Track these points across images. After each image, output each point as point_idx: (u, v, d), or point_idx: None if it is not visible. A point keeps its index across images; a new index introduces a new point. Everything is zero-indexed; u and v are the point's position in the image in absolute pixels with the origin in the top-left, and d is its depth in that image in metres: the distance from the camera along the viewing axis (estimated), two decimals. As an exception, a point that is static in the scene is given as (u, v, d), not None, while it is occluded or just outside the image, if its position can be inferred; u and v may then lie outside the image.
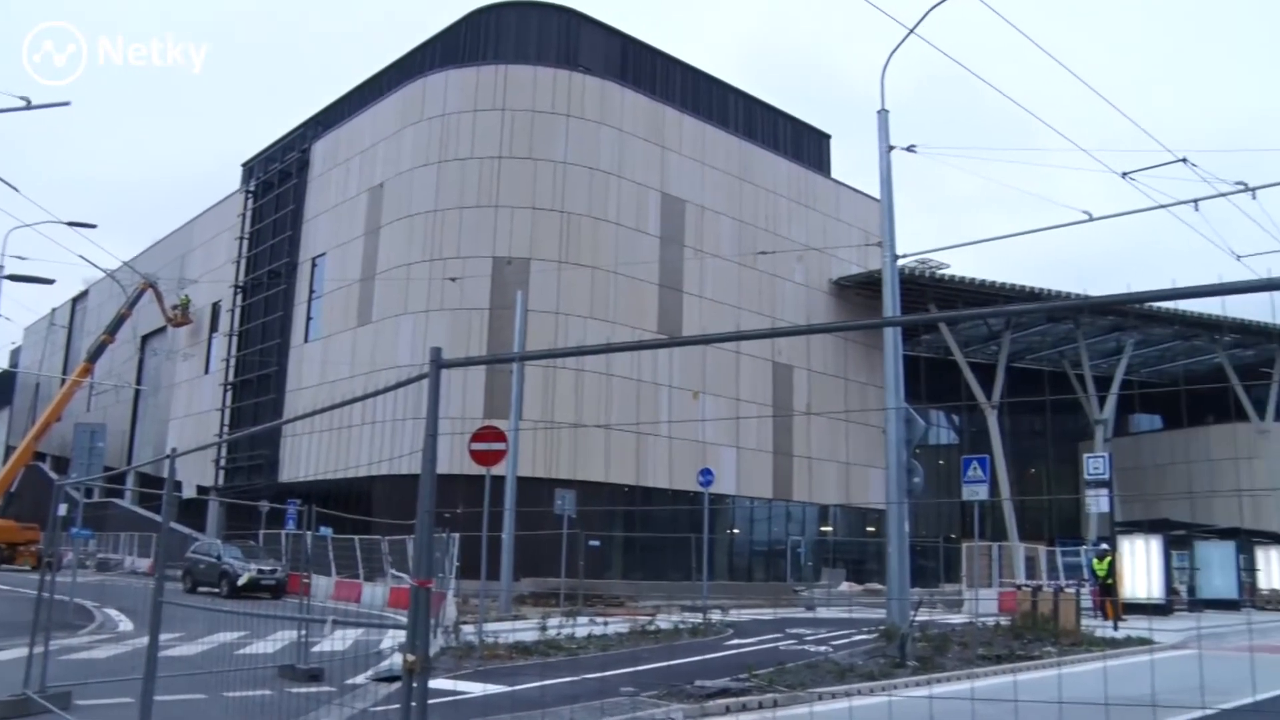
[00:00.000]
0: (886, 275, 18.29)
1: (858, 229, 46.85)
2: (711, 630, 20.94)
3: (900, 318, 19.62)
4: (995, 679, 13.67)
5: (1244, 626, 24.64)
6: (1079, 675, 14.20)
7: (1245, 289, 4.75)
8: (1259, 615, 32.21)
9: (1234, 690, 10.96)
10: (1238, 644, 20.62)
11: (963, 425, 60.32)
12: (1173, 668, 15.43)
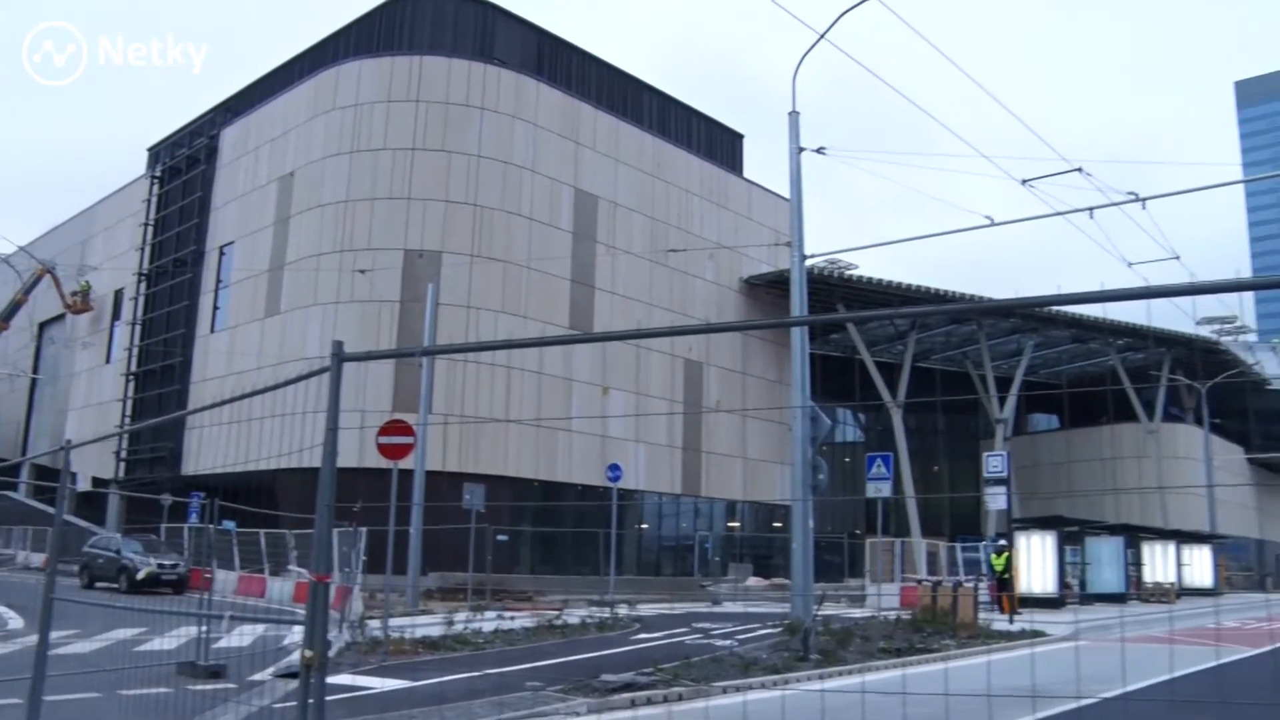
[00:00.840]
0: (794, 275, 18.60)
1: (768, 228, 47.37)
2: (618, 625, 21.09)
3: (807, 317, 19.96)
4: (894, 672, 14.04)
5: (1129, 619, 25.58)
6: (974, 667, 14.62)
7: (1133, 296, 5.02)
8: (1143, 607, 33.43)
9: (1115, 679, 11.41)
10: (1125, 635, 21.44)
11: (868, 423, 61.41)
12: (1063, 659, 15.97)
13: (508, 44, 41.34)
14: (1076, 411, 63.53)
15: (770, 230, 47.02)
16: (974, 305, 31.07)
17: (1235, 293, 34.09)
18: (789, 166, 19.07)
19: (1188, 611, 30.65)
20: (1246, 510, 67.29)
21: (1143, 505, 54.80)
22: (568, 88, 42.12)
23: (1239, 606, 35.55)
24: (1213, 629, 23.12)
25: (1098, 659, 15.52)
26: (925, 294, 45.48)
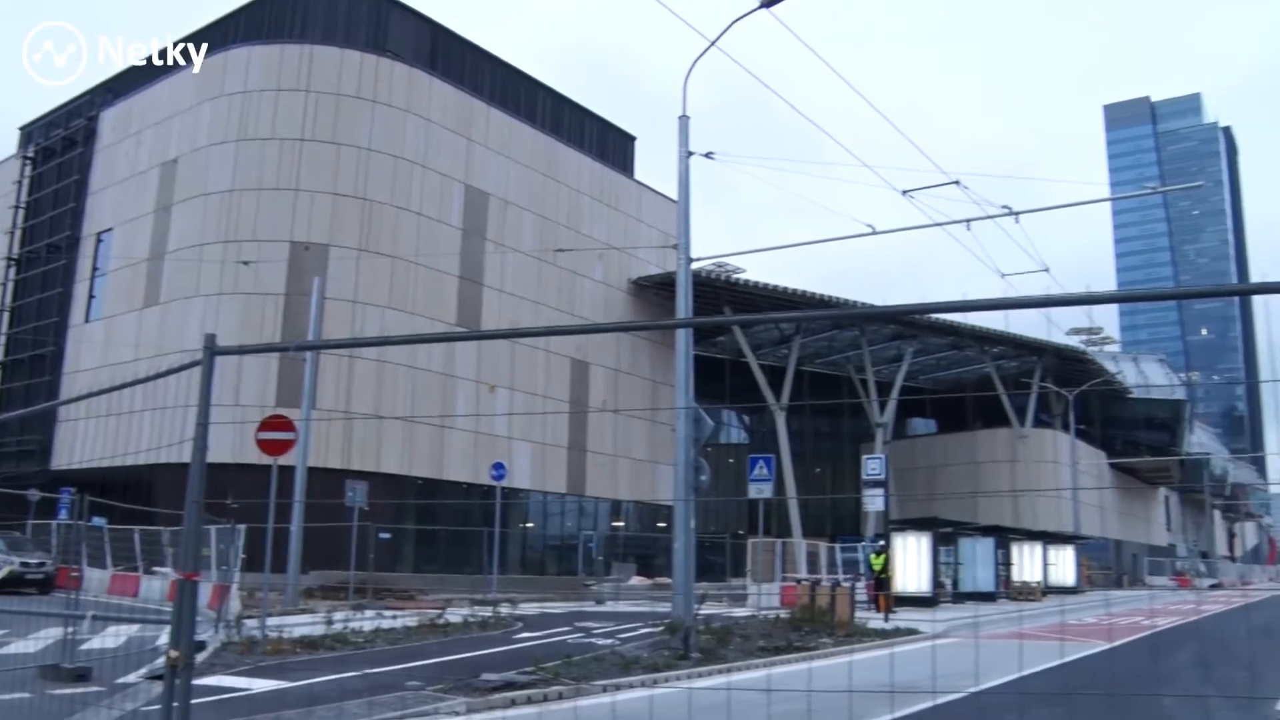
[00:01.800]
0: (680, 277, 18.83)
1: (658, 230, 47.77)
2: (500, 624, 21.09)
3: (692, 319, 20.27)
4: (771, 670, 14.39)
5: (999, 616, 26.54)
6: (846, 665, 15.04)
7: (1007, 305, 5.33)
8: (1012, 605, 34.66)
9: (982, 674, 11.93)
10: (991, 632, 22.27)
11: (753, 425, 62.36)
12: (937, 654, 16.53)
13: (401, 37, 40.90)
14: (952, 416, 65.61)
15: (659, 232, 47.44)
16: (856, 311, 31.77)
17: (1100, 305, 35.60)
18: (677, 170, 19.31)
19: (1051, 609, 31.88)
20: (1107, 512, 70.31)
21: (1013, 507, 56.76)
22: (461, 83, 41.86)
23: (1096, 604, 37.10)
24: (1075, 624, 24.16)
25: (966, 655, 16.11)
26: (810, 299, 46.40)
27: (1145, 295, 43.31)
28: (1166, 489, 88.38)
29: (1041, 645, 17.37)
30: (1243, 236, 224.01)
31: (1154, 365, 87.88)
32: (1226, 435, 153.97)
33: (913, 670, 12.32)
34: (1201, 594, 52.98)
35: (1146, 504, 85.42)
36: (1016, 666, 12.55)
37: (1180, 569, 78.47)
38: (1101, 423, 68.87)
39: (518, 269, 42.37)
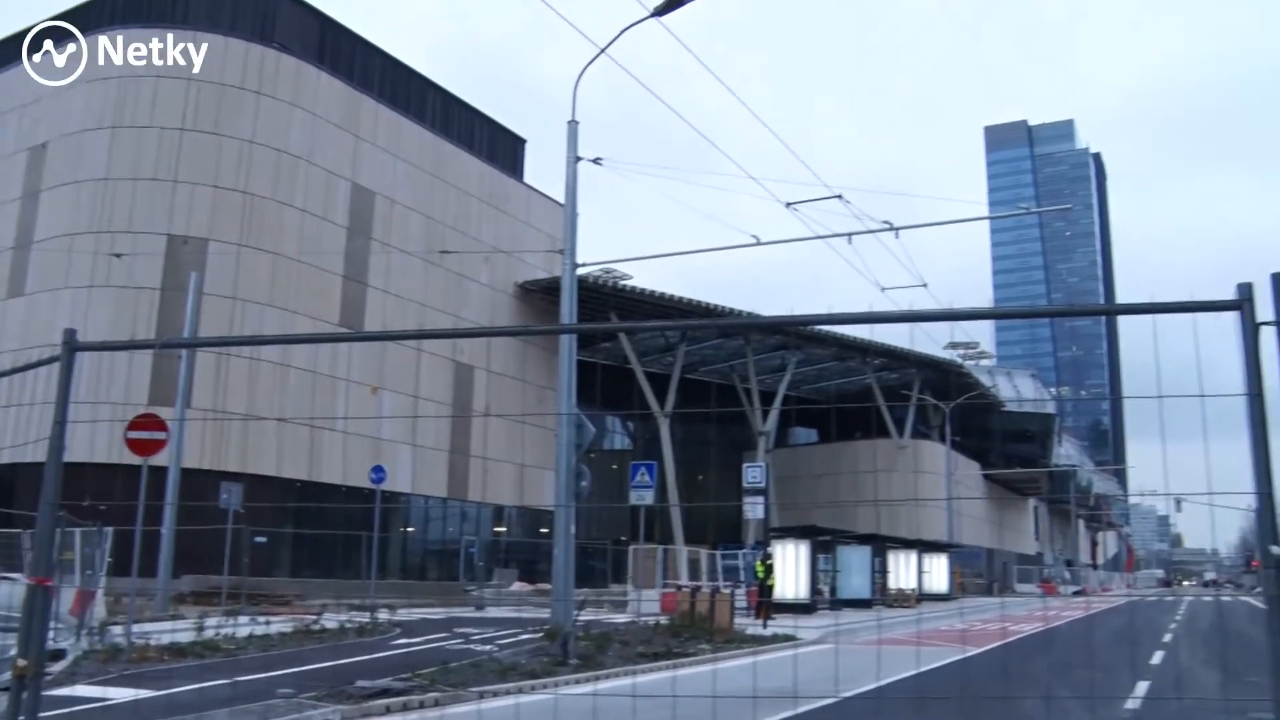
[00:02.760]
0: (565, 283, 18.79)
1: (546, 234, 47.62)
2: (378, 630, 20.79)
3: (575, 325, 20.24)
4: (649, 676, 14.46)
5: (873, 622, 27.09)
6: (724, 670, 15.19)
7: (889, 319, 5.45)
8: (887, 612, 35.48)
9: (858, 679, 12.18)
10: (865, 638, 22.73)
11: (637, 432, 62.55)
12: (810, 661, 16.82)
13: (289, 28, 40.00)
14: (834, 426, 66.81)
15: (548, 236, 47.32)
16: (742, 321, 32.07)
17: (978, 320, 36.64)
18: (565, 175, 19.28)
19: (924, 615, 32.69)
20: (980, 521, 72.43)
21: (890, 516, 58.07)
22: (349, 79, 41.15)
23: (968, 610, 38.16)
24: (945, 630, 24.81)
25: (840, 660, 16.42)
26: (695, 307, 46.74)
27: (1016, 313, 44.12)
28: (1036, 499, 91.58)
29: (910, 651, 17.77)
30: (1110, 258, 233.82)
31: (1026, 380, 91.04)
32: (1092, 448, 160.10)
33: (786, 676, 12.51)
34: (1066, 600, 54.94)
35: (1017, 513, 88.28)
36: (887, 672, 12.86)
37: (1047, 576, 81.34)
38: (976, 434, 70.96)
39: (403, 270, 41.81)
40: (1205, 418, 4.61)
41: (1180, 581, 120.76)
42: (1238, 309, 4.21)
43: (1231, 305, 4.23)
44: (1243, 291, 4.23)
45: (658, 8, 17.74)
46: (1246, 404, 4.14)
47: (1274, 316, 4.18)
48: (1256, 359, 4.15)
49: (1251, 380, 4.14)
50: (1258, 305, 4.21)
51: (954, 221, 26.87)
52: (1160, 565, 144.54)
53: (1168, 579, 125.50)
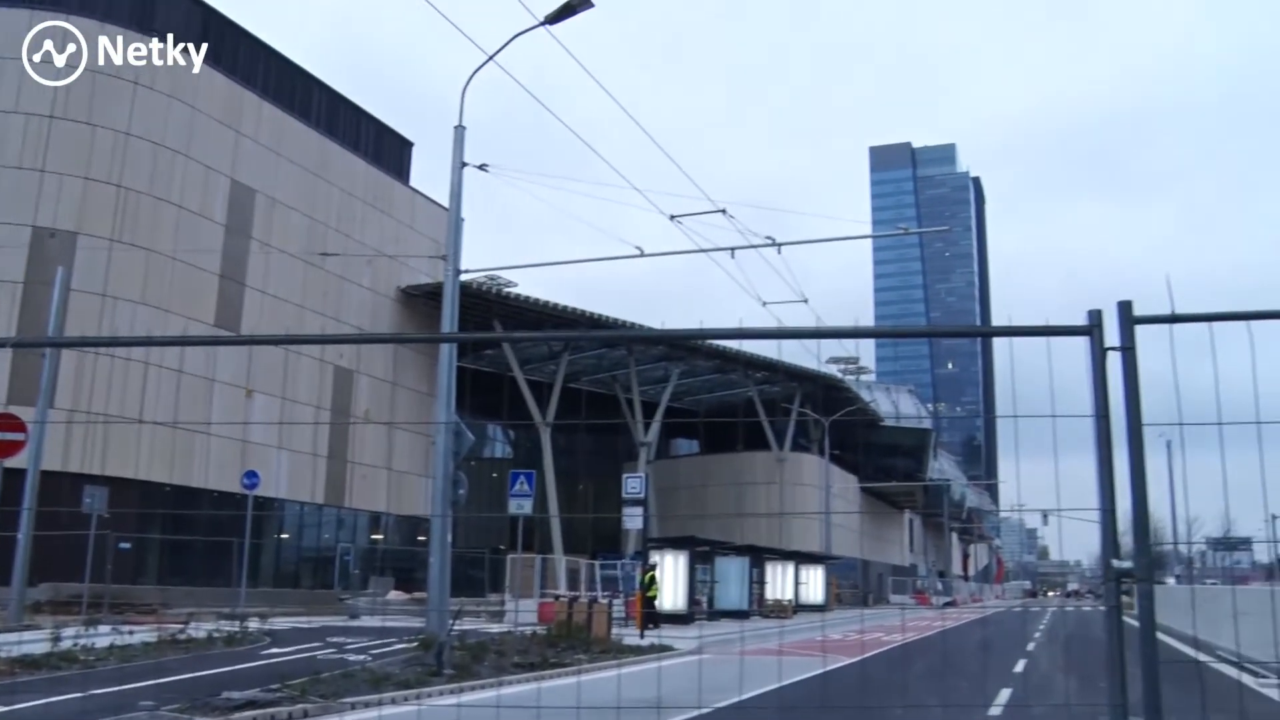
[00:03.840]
0: (448, 290, 18.63)
1: (431, 239, 47.02)
2: (248, 639, 20.27)
3: (456, 334, 20.08)
4: (524, 686, 14.39)
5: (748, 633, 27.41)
6: (599, 681, 15.21)
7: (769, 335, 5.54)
8: (764, 622, 35.93)
9: (730, 689, 12.31)
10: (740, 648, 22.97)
11: (518, 440, 62.32)
12: (685, 671, 16.92)
13: (170, 16, 38.65)
14: (715, 438, 67.52)
15: (432, 241, 46.76)
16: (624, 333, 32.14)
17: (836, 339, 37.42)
18: (451, 180, 19.15)
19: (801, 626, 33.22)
20: (856, 534, 73.84)
21: (769, 528, 58.82)
22: (232, 73, 40.12)
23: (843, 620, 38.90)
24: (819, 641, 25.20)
25: (717, 671, 16.58)
26: (580, 317, 46.75)
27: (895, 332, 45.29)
28: (911, 512, 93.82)
29: (793, 660, 18.03)
30: (986, 279, 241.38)
31: (904, 396, 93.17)
32: (965, 463, 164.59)
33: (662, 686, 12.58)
34: (938, 610, 56.37)
35: (892, 526, 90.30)
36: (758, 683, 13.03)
37: (920, 587, 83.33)
38: (854, 448, 72.34)
39: (283, 271, 40.92)
40: (1056, 437, 4.81)
41: (1046, 592, 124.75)
42: (1088, 334, 4.40)
43: (1082, 330, 4.42)
44: (1093, 318, 4.42)
45: (549, 16, 17.80)
46: (1094, 424, 4.33)
47: (1120, 342, 4.38)
48: (1104, 382, 4.34)
49: (1099, 402, 4.33)
50: (1106, 331, 4.41)
51: (835, 239, 27.47)
52: (1027, 576, 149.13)
53: (1034, 589, 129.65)
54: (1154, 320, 4.50)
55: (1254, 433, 4.84)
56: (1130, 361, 4.38)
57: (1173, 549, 56.06)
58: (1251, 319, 4.64)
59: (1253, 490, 5.22)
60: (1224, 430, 4.79)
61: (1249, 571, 68.27)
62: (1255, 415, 4.74)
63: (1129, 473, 4.32)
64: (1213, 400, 4.83)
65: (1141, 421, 4.31)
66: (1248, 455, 5.08)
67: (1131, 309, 4.46)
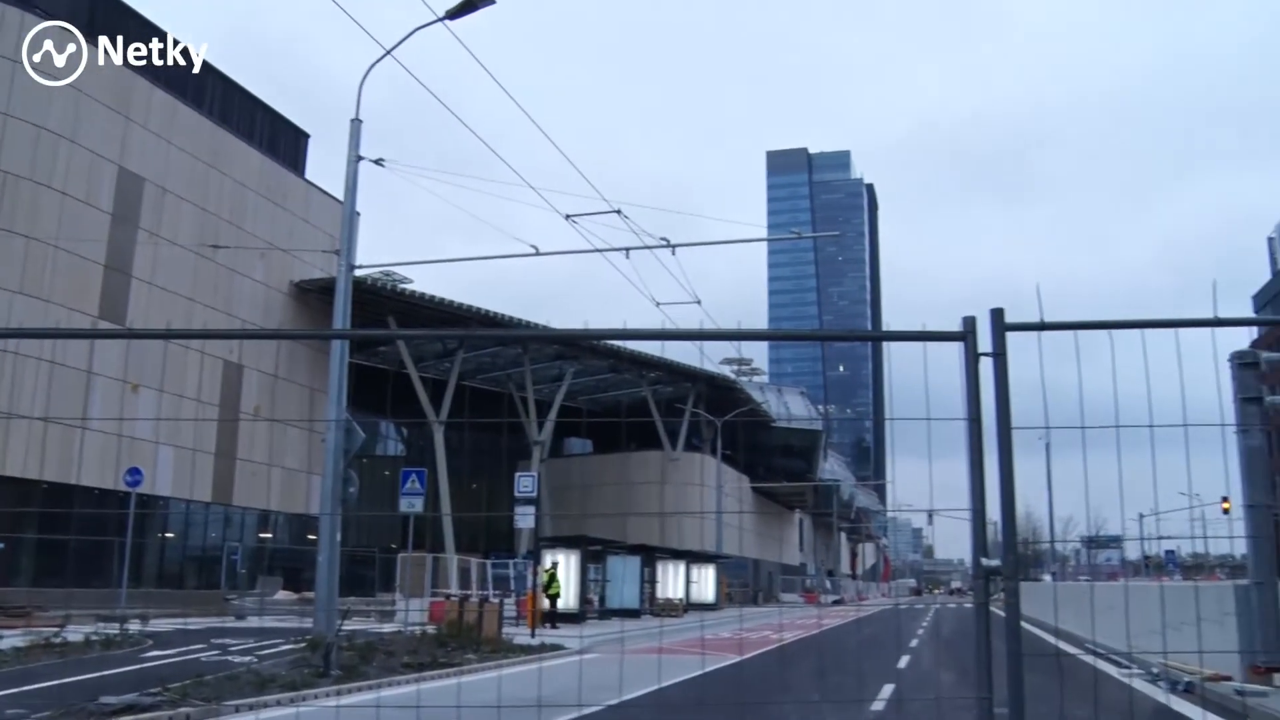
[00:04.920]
0: (340, 285, 18.41)
1: (325, 233, 46.20)
2: (128, 642, 19.73)
3: (348, 331, 19.85)
4: (411, 687, 14.31)
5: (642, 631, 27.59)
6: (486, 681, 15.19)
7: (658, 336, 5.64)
8: (654, 621, 36.17)
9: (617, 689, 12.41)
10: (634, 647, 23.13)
11: (411, 438, 61.68)
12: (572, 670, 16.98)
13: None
14: (608, 437, 67.75)
15: (327, 235, 45.97)
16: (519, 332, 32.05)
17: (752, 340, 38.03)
18: (346, 173, 18.93)
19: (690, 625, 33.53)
20: (747, 533, 74.79)
21: (661, 527, 59.27)
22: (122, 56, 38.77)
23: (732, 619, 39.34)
24: (710, 639, 25.51)
25: (605, 669, 16.67)
26: (475, 314, 46.48)
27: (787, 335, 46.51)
28: (801, 512, 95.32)
29: (677, 659, 18.23)
30: (878, 283, 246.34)
31: (796, 397, 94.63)
32: (854, 464, 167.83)
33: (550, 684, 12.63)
34: (824, 609, 57.39)
35: (783, 525, 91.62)
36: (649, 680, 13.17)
37: (809, 586, 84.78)
38: (747, 449, 73.22)
39: (172, 262, 39.81)
40: (930, 439, 5.00)
41: (930, 590, 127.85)
42: (962, 340, 4.58)
43: (956, 336, 4.60)
44: (966, 324, 4.61)
45: (449, 11, 17.71)
46: (966, 428, 4.51)
47: (991, 348, 4.57)
48: (976, 386, 4.53)
49: (971, 406, 4.51)
50: (979, 337, 4.59)
51: (729, 242, 27.73)
52: (913, 575, 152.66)
53: (919, 587, 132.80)
54: (1023, 328, 4.70)
55: (1131, 436, 5.04)
56: (1001, 367, 4.57)
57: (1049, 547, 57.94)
58: (1113, 328, 4.88)
59: (1128, 489, 5.41)
60: (1100, 434, 5.00)
61: (1118, 568, 70.96)
62: (1115, 420, 4.98)
63: (999, 474, 4.51)
64: (1092, 405, 5.05)
65: (1011, 425, 4.51)
66: (1123, 457, 5.25)
67: (1003, 316, 4.65)
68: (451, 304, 46.06)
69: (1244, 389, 13.49)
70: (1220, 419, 5.30)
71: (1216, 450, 6.19)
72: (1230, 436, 12.80)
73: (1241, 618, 13.05)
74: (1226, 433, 12.24)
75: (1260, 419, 13.76)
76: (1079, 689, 9.52)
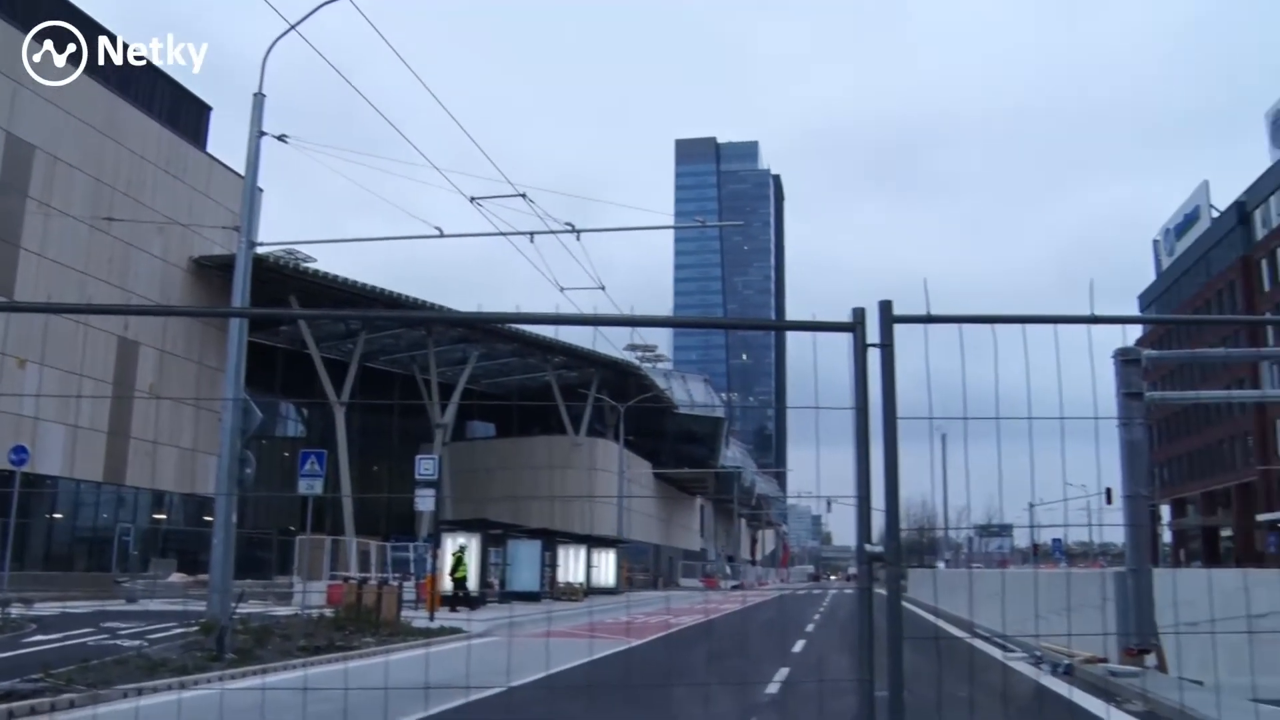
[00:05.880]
0: (240, 262, 18.06)
1: (227, 209, 45.09)
2: (9, 626, 19.18)
3: (248, 309, 19.48)
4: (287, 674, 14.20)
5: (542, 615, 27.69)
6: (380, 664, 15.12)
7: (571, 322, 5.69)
8: (556, 605, 36.31)
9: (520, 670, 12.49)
10: (532, 631, 23.23)
11: (312, 419, 60.80)
12: (478, 653, 17.03)
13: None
14: (512, 421, 67.64)
15: (228, 211, 44.86)
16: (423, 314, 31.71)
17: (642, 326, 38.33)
18: (248, 148, 18.58)
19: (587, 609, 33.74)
20: (650, 519, 75.29)
21: (563, 511, 59.36)
22: (12, 16, 37.35)
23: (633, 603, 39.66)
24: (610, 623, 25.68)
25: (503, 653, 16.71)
26: (379, 295, 45.92)
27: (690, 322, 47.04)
28: (703, 498, 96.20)
29: (576, 642, 18.34)
30: (782, 273, 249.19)
31: (699, 384, 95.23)
32: (756, 451, 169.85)
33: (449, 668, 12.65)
34: (725, 593, 58.11)
35: (684, 511, 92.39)
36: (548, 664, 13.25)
37: (709, 571, 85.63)
38: (650, 435, 73.66)
39: (64, 234, 38.53)
40: (818, 427, 5.16)
41: (829, 575, 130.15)
42: (851, 330, 4.73)
43: (845, 327, 4.75)
44: (856, 315, 4.76)
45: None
46: (853, 417, 4.66)
47: (879, 339, 4.73)
48: (864, 376, 4.68)
49: (858, 395, 4.67)
50: (868, 329, 4.75)
51: (634, 228, 27.78)
52: (812, 561, 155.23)
53: (817, 573, 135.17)
54: (910, 320, 4.87)
55: (1024, 426, 5.22)
56: (888, 357, 4.73)
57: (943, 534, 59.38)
58: (995, 322, 5.08)
59: (1018, 480, 5.53)
60: (1002, 425, 5.19)
61: (1008, 555, 73.22)
62: (996, 411, 5.18)
63: (883, 462, 4.67)
64: (986, 397, 5.22)
65: (896, 414, 4.67)
66: (1014, 448, 5.39)
67: (891, 308, 4.81)
68: (355, 284, 45.43)
69: (1126, 384, 14.00)
70: (1095, 412, 5.51)
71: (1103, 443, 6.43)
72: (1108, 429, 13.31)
73: (1119, 603, 13.58)
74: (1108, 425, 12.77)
75: (1141, 413, 14.31)
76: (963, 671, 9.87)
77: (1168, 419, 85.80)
